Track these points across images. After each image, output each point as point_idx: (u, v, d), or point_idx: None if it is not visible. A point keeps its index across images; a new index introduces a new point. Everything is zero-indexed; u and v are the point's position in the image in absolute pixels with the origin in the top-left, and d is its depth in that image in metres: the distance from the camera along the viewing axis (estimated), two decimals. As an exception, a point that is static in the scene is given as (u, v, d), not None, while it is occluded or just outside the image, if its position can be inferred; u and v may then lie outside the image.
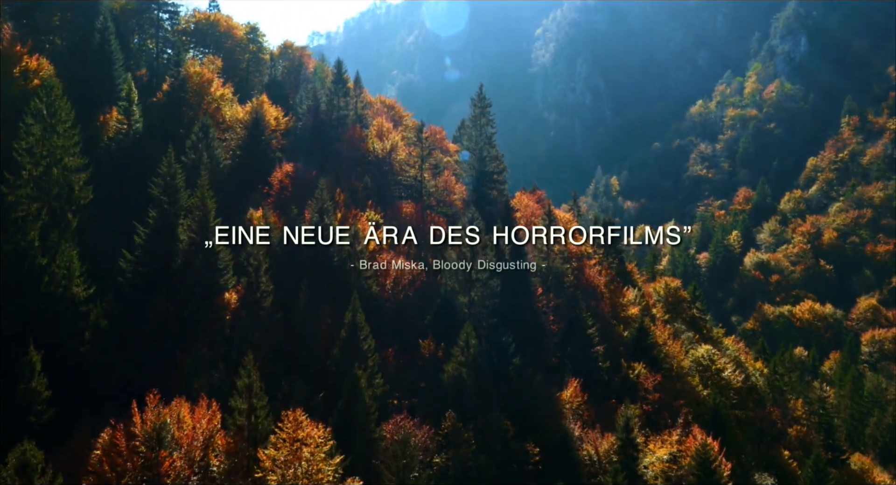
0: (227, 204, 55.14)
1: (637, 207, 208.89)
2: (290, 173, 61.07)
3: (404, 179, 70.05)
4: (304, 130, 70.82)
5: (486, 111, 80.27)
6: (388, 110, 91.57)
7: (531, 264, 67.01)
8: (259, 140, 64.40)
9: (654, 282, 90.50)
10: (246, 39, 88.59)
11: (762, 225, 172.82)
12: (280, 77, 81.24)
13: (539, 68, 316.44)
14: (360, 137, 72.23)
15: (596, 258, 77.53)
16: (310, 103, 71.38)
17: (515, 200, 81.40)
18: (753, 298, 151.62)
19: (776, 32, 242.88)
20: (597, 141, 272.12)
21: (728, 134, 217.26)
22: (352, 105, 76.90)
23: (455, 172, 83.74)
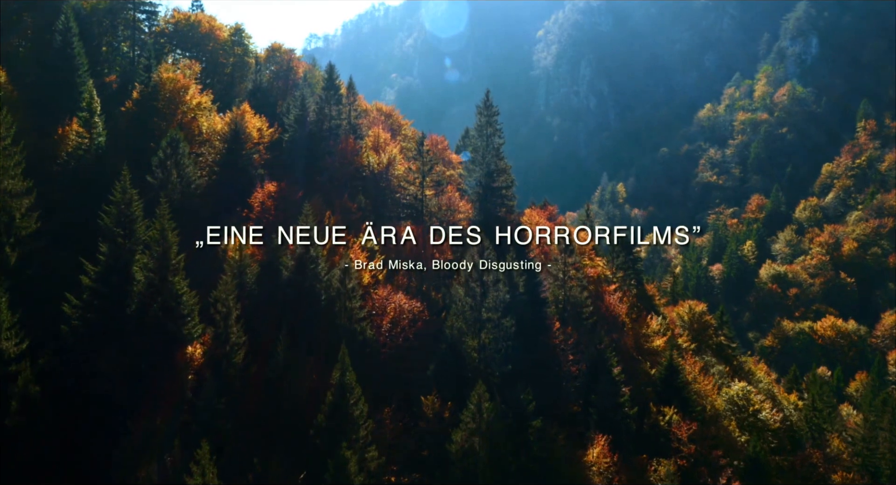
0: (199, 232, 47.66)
1: (645, 215, 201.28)
2: (274, 194, 53.59)
3: (403, 197, 62.60)
4: (292, 142, 63.40)
5: (493, 120, 72.90)
6: (386, 118, 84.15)
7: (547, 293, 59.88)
8: (239, 155, 56.93)
9: (676, 305, 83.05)
10: (230, 42, 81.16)
11: (777, 235, 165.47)
12: (266, 83, 73.79)
13: (541, 71, 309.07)
14: (353, 149, 64.80)
15: (615, 283, 70.07)
16: (297, 113, 63.93)
17: (525, 217, 74.01)
18: (771, 313, 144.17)
19: (786, 34, 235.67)
20: (601, 146, 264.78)
21: (738, 139, 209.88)
22: (345, 114, 69.47)
23: (459, 187, 76.39)
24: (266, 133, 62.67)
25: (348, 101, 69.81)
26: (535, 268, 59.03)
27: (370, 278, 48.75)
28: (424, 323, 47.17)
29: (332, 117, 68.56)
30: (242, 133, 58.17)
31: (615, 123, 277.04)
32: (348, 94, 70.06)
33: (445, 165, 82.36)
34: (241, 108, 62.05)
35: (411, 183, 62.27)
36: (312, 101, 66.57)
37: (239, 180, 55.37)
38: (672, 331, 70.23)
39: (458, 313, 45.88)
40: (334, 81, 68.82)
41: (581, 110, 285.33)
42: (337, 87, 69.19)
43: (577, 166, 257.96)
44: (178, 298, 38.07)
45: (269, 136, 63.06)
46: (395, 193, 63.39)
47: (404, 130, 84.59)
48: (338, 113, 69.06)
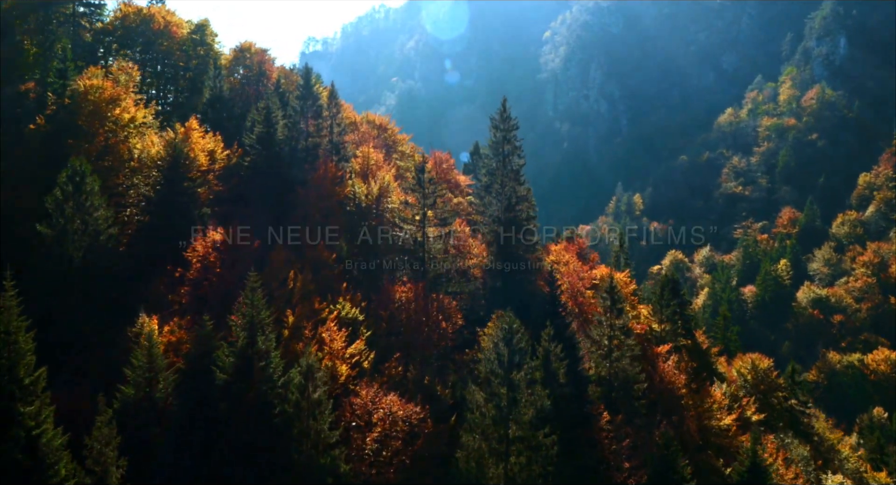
0: (105, 309, 33.40)
1: (664, 230, 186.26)
2: (220, 244, 39.08)
3: (399, 238, 48.10)
4: (253, 169, 48.98)
5: (511, 135, 58.65)
6: (379, 132, 69.69)
7: (587, 365, 45.53)
8: (177, 189, 42.47)
9: (735, 359, 68.40)
10: (190, 40, 66.81)
11: (814, 252, 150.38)
12: (228, 91, 59.31)
13: (549, 74, 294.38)
14: (335, 176, 50.33)
15: (668, 342, 55.43)
16: (261, 130, 49.47)
17: (552, 255, 59.44)
18: (813, 343, 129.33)
19: (811, 33, 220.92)
20: (613, 153, 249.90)
21: (764, 146, 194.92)
22: (325, 129, 55.03)
23: (469, 217, 61.85)
24: (220, 157, 48.23)
25: (330, 112, 55.33)
26: (575, 340, 44.53)
27: (349, 370, 34.17)
28: (426, 439, 32.56)
29: (308, 134, 54.10)
30: (185, 159, 43.69)
31: (627, 129, 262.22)
32: (330, 104, 55.56)
33: (452, 188, 67.92)
34: (187, 124, 47.57)
35: (409, 221, 47.73)
36: (279, 116, 52.06)
37: (175, 225, 40.89)
38: (740, 403, 55.48)
39: (476, 427, 31.32)
40: (311, 89, 54.37)
41: (591, 115, 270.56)
42: (315, 96, 54.74)
43: (587, 175, 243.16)
44: (34, 441, 23.58)
45: (225, 160, 48.61)
46: (388, 233, 48.90)
47: (401, 145, 70.15)
48: (317, 128, 54.62)
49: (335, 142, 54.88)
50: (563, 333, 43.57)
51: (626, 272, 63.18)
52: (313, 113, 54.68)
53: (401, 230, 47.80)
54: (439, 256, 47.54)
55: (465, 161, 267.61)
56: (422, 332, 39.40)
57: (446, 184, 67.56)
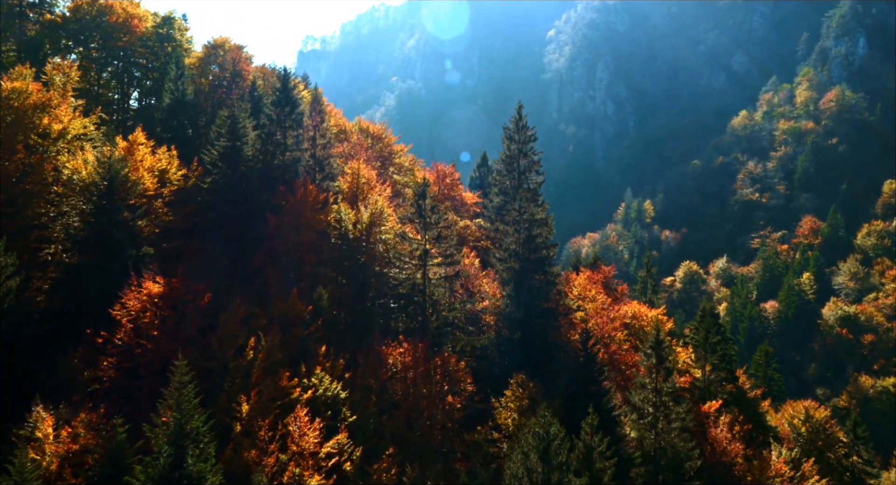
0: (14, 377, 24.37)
1: (677, 239, 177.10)
2: (158, 298, 29.92)
3: (395, 280, 38.96)
4: (214, 193, 39.77)
5: (528, 148, 49.86)
6: (373, 142, 60.50)
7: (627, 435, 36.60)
8: (113, 222, 33.23)
9: (785, 406, 59.21)
10: (154, 35, 57.60)
11: (838, 265, 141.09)
12: (193, 95, 50.00)
13: (553, 74, 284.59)
14: (316, 201, 41.14)
15: (716, 397, 46.29)
16: (225, 144, 40.26)
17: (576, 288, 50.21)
18: (842, 364, 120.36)
19: (829, 33, 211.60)
20: (620, 156, 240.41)
21: (781, 150, 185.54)
22: (307, 141, 45.88)
23: (477, 244, 52.81)
24: (174, 178, 38.99)
25: (313, 121, 46.13)
26: (613, 409, 35.43)
27: (323, 481, 24.95)
28: None
29: (286, 148, 44.93)
30: (123, 182, 34.48)
31: (635, 131, 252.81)
32: (313, 111, 46.36)
33: (457, 207, 58.83)
34: (132, 137, 38.34)
35: (407, 258, 38.56)
36: (254, 126, 42.91)
37: (105, 270, 31.72)
38: (802, 472, 46.25)
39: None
40: (290, 93, 45.21)
41: (598, 117, 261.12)
42: (295, 102, 45.57)
43: (594, 179, 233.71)
44: None
45: (181, 182, 39.40)
46: (382, 274, 39.76)
47: (398, 157, 60.96)
48: (297, 141, 45.44)
49: (318, 157, 45.68)
50: (600, 404, 34.55)
51: (663, 308, 53.92)
52: (293, 122, 45.54)
53: (397, 269, 38.62)
54: (443, 301, 38.34)
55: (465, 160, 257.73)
56: (422, 411, 30.22)
57: (450, 201, 58.50)
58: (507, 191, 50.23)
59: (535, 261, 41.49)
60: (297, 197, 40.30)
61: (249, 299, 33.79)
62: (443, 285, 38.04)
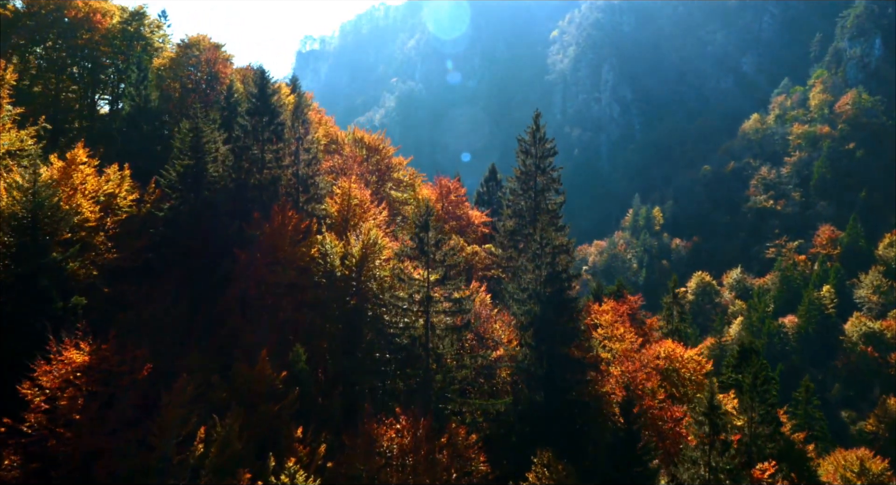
0: None
1: (688, 248, 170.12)
2: (80, 370, 22.97)
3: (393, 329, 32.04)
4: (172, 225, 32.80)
5: (546, 164, 42.94)
6: (368, 154, 53.56)
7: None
8: (38, 264, 26.29)
9: (832, 455, 52.29)
10: (120, 33, 50.68)
11: (859, 277, 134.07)
12: (157, 102, 42.99)
13: (557, 75, 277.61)
14: (297, 229, 34.19)
15: (771, 462, 39.33)
16: (187, 163, 33.30)
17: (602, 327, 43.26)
18: (868, 385, 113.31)
19: (843, 33, 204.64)
20: (627, 160, 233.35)
21: (796, 156, 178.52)
22: (287, 157, 38.95)
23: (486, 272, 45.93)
24: (123, 204, 32.05)
25: (295, 132, 39.17)
26: None
27: None
28: None
29: (264, 165, 38.02)
30: (53, 214, 27.56)
31: (641, 135, 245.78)
32: (296, 122, 39.39)
33: (463, 228, 51.92)
34: (70, 155, 31.39)
35: (405, 303, 31.63)
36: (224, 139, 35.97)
37: (22, 329, 24.77)
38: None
39: None
40: (268, 100, 38.29)
41: (603, 120, 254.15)
42: (275, 111, 38.64)
43: (600, 184, 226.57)
44: None
45: (133, 209, 32.44)
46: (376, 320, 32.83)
47: (396, 171, 53.98)
48: (276, 156, 38.51)
49: (302, 175, 38.73)
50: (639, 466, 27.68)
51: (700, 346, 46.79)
52: (272, 134, 38.62)
53: (394, 315, 31.71)
54: (450, 355, 31.42)
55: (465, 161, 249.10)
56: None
57: (455, 221, 51.64)
58: (522, 213, 43.40)
59: (560, 303, 34.55)
60: (273, 226, 33.36)
61: (209, 359, 26.91)
62: (450, 336, 31.10)
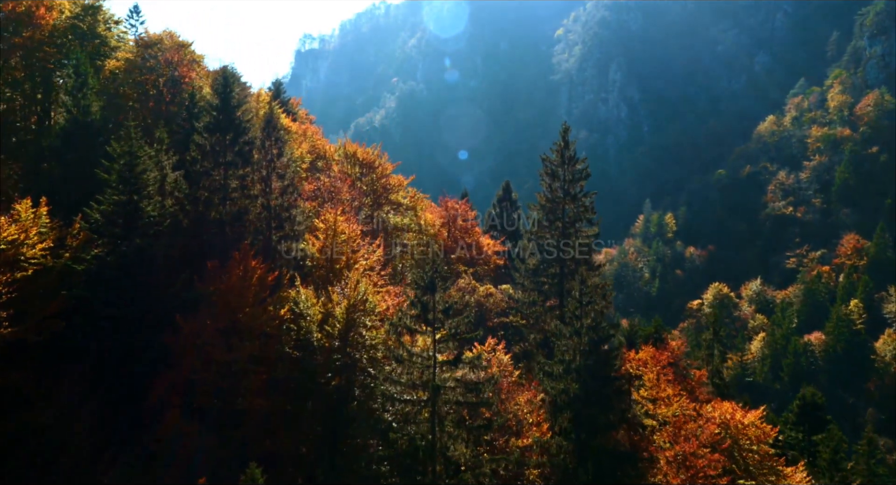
0: None
1: (703, 257, 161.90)
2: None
3: (389, 419, 23.95)
4: (97, 282, 24.74)
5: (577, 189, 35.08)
6: (362, 171, 45.50)
7: None
8: None
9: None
10: (69, 29, 42.69)
11: (889, 290, 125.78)
12: (98, 115, 34.95)
13: (563, 75, 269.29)
14: (262, 280, 26.16)
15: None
16: (117, 197, 25.21)
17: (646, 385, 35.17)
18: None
19: (862, 32, 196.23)
20: (636, 163, 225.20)
21: (816, 160, 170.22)
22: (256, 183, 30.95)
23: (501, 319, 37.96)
24: (31, 254, 24.04)
25: (266, 153, 31.14)
26: None
27: None
28: None
29: (226, 195, 30.04)
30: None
31: (650, 137, 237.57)
32: (267, 140, 31.36)
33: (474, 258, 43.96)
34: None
35: (405, 388, 23.59)
36: (173, 163, 27.99)
37: None
38: None
39: None
40: (233, 112, 30.28)
41: (611, 121, 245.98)
42: (240, 127, 30.64)
43: (609, 189, 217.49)
44: None
45: (44, 261, 24.44)
46: (365, 404, 24.82)
47: (396, 193, 45.90)
48: (242, 183, 30.51)
49: (273, 207, 30.72)
50: None
51: (762, 409, 38.42)
52: (237, 155, 30.63)
53: (390, 404, 23.68)
54: (464, 458, 23.39)
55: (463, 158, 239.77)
56: None
57: (465, 250, 43.73)
58: (549, 248, 35.34)
59: (604, 381, 26.54)
60: (232, 280, 25.34)
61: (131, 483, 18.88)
62: (464, 436, 23.11)
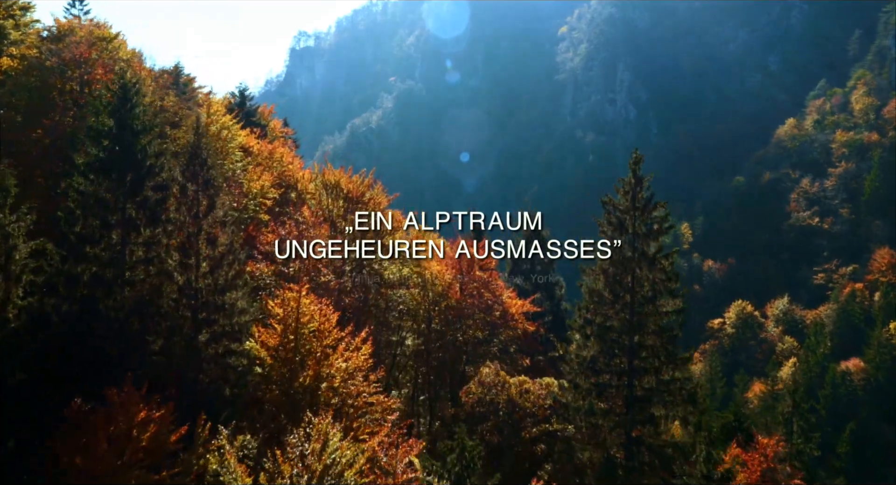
0: None
1: (723, 271, 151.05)
2: None
3: None
4: None
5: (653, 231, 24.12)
6: (347, 207, 34.14)
7: None
8: None
9: None
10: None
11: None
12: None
13: (568, 74, 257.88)
14: (158, 441, 14.62)
15: None
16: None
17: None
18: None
19: (887, 30, 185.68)
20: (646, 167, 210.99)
21: (842, 166, 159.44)
22: (173, 252, 19.45)
23: (548, 427, 26.62)
24: None
25: (190, 208, 19.73)
26: None
27: None
28: None
29: (123, 272, 18.64)
30: None
31: (658, 140, 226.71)
32: (191, 180, 19.98)
33: (495, 325, 32.91)
34: None
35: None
36: (22, 229, 16.58)
37: None
38: None
39: None
40: (136, 140, 18.89)
41: (618, 123, 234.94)
42: (142, 166, 19.29)
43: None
44: None
45: None
46: None
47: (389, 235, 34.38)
48: (146, 256, 19.13)
49: (203, 289, 19.38)
50: None
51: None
52: (141, 206, 19.31)
53: None
54: None
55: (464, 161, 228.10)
56: None
57: (483, 312, 32.66)
58: (613, 332, 24.15)
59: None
60: (99, 449, 14.13)
61: None
62: None
